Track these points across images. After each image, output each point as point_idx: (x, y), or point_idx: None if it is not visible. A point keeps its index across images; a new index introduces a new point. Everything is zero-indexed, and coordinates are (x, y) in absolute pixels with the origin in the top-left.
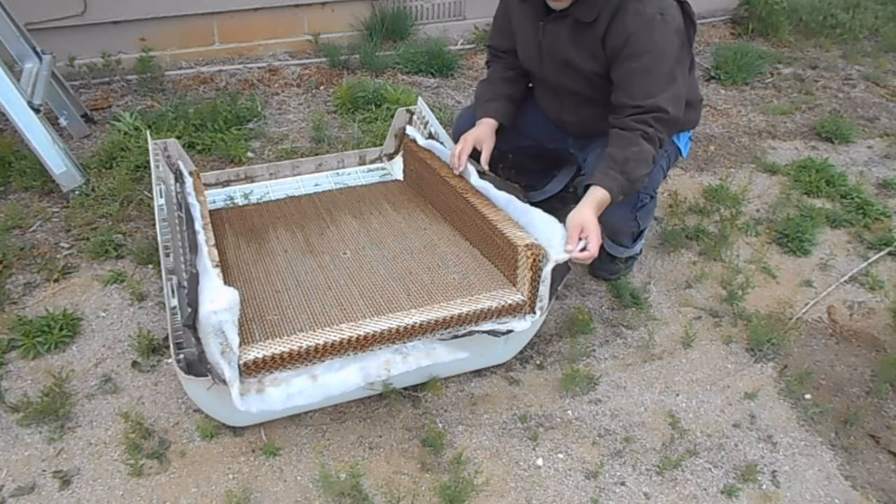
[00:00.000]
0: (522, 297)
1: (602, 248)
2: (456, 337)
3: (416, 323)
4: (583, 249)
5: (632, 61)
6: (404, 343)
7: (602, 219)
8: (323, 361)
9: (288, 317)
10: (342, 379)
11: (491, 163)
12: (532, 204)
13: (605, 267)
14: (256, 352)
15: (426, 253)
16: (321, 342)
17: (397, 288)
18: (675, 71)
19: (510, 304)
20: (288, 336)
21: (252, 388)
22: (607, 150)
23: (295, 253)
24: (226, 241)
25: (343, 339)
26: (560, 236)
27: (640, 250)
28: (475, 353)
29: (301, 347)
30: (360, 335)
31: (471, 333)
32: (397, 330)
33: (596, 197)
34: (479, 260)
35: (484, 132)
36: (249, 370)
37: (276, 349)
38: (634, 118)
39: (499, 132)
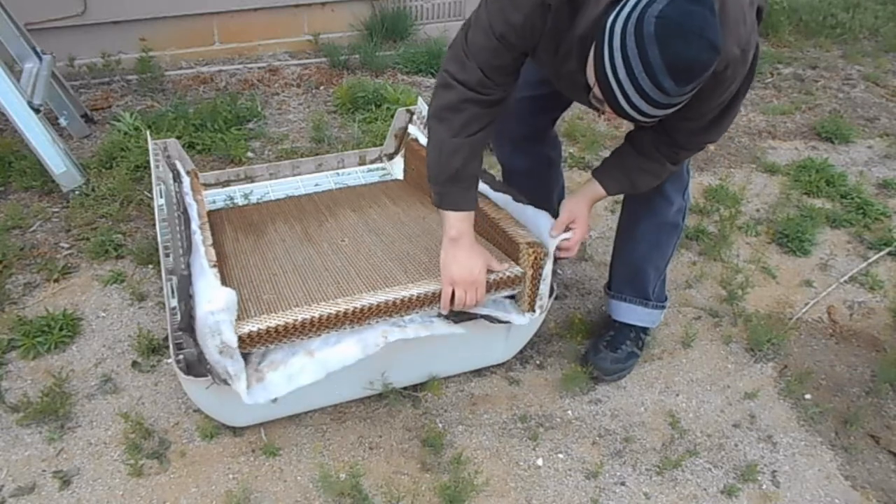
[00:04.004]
0: (521, 270)
1: (615, 324)
2: (453, 318)
3: (413, 295)
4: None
5: (690, 123)
6: (402, 317)
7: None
8: (319, 335)
9: (284, 296)
10: (340, 353)
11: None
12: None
13: (604, 359)
14: (251, 326)
15: (425, 237)
16: (316, 315)
17: (395, 268)
18: (736, 104)
19: (509, 277)
20: (283, 311)
21: (252, 379)
22: (626, 149)
23: (293, 242)
24: (224, 235)
25: (339, 311)
26: (549, 227)
27: (659, 319)
28: (474, 351)
29: (296, 321)
30: (356, 308)
31: (469, 318)
32: (394, 303)
33: (594, 191)
34: (480, 241)
35: (483, 251)
36: (245, 344)
37: (271, 322)
38: (674, 150)
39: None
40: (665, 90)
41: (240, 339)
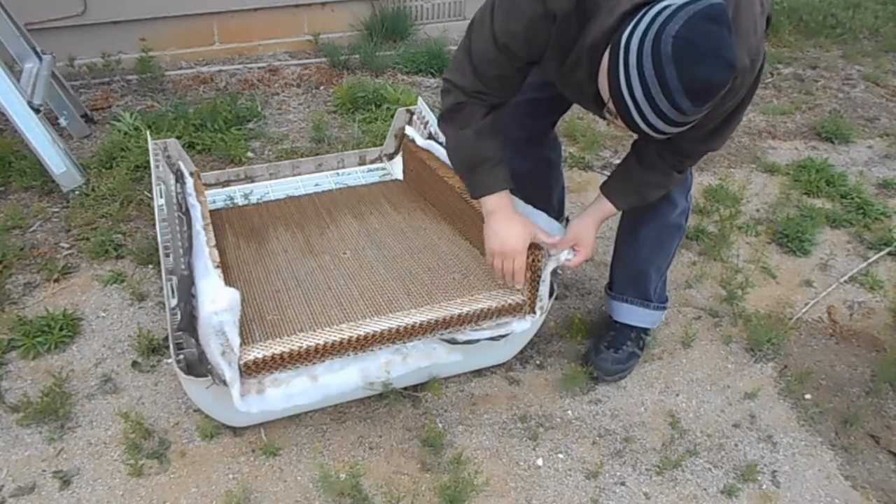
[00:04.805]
0: (522, 297)
1: (616, 325)
2: (455, 342)
3: (416, 323)
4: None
5: (694, 132)
6: (404, 343)
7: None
8: (323, 362)
9: (288, 317)
10: (342, 379)
11: None
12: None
13: (606, 360)
14: (257, 352)
15: (426, 253)
16: (321, 342)
17: (397, 288)
18: (741, 111)
19: (510, 304)
20: (288, 336)
21: (252, 388)
22: (631, 163)
23: (295, 253)
24: (226, 241)
25: (343, 339)
26: (548, 228)
27: (660, 320)
28: (474, 353)
29: (301, 348)
30: (360, 335)
31: (471, 342)
32: (397, 330)
33: (603, 209)
34: (479, 260)
35: (525, 221)
36: (250, 370)
37: (276, 349)
38: (679, 159)
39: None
40: (682, 110)
41: (245, 365)
